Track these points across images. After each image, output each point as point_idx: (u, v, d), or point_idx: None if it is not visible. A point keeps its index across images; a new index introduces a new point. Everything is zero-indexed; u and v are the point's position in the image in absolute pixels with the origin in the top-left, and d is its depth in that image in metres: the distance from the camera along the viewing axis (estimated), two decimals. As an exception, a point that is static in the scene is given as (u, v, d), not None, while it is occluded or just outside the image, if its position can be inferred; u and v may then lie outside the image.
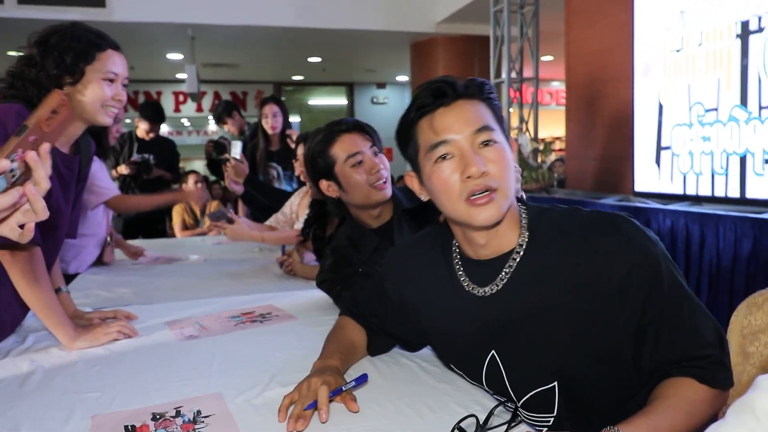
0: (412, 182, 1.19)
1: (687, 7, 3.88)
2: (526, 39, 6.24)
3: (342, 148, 1.70)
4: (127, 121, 10.30)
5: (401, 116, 1.15)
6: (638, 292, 1.01)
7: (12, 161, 0.84)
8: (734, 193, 3.61)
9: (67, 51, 1.49)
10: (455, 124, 1.07)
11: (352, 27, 7.79)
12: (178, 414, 1.10)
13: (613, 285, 1.02)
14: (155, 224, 5.08)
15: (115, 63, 1.56)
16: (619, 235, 1.04)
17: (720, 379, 1.01)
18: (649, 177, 4.30)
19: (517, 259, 1.11)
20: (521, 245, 1.11)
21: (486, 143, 1.06)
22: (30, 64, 1.48)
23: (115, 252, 2.95)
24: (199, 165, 13.23)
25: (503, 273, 1.11)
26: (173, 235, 5.37)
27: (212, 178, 7.36)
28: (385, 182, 1.70)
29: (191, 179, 5.49)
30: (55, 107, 0.89)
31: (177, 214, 5.39)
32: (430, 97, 1.09)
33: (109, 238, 2.88)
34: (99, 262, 2.85)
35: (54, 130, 0.91)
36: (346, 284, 1.68)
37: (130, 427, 1.06)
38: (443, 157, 1.07)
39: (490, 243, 1.13)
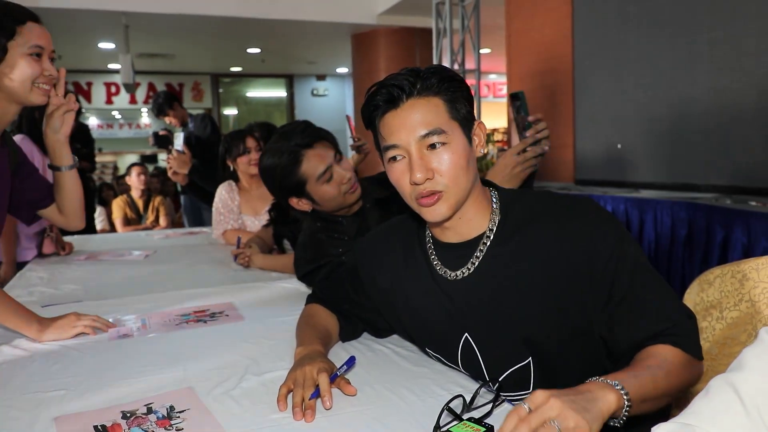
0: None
1: None
2: (468, 31, 6.31)
3: (310, 167, 1.67)
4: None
5: (362, 106, 1.14)
6: (605, 269, 1.05)
7: None
8: (672, 179, 3.75)
9: None
10: (402, 130, 1.07)
11: (292, 17, 7.70)
12: (150, 411, 1.06)
13: (581, 263, 1.06)
14: (89, 221, 4.89)
15: (38, 35, 1.43)
16: (587, 218, 1.08)
17: (692, 345, 1.03)
18: (589, 165, 4.43)
19: (488, 243, 1.13)
20: (491, 230, 1.13)
21: (433, 146, 1.07)
22: None
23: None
24: (132, 158, 12.84)
25: (474, 257, 1.13)
26: (112, 230, 5.20)
27: (150, 169, 7.17)
28: (354, 184, 1.72)
29: (134, 172, 5.35)
30: None
31: (118, 208, 5.22)
32: (380, 100, 1.09)
33: (48, 229, 2.75)
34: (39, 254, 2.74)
35: None
36: (328, 272, 1.66)
37: (100, 427, 1.01)
38: (394, 158, 1.10)
39: (457, 229, 1.15)
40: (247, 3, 7.36)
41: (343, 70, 12.49)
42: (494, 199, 1.16)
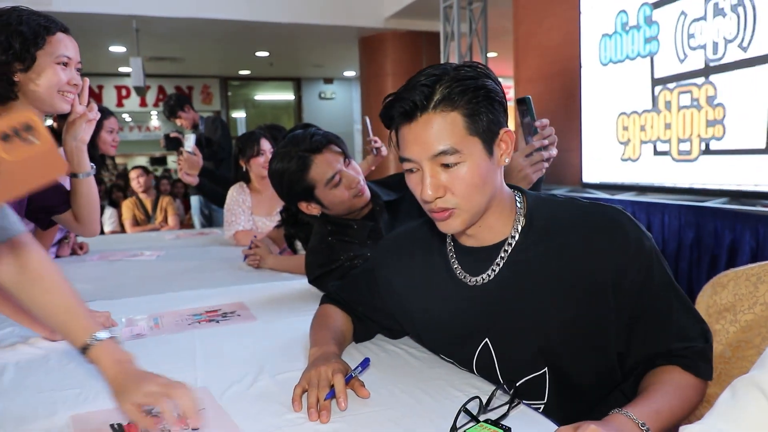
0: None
1: (628, 6, 3.99)
2: (475, 35, 6.30)
3: (318, 173, 1.66)
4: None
5: (380, 112, 1.10)
6: (631, 287, 1.03)
7: None
8: (678, 182, 3.73)
9: (15, 35, 1.41)
10: (414, 146, 1.03)
11: (300, 21, 7.70)
12: (165, 409, 1.06)
13: (607, 279, 1.03)
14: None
15: (66, 46, 1.49)
16: (616, 231, 1.05)
17: (701, 369, 1.04)
18: (596, 168, 4.41)
19: (509, 250, 1.10)
20: (513, 237, 1.11)
21: (447, 165, 1.03)
22: None
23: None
24: (142, 161, 12.89)
25: (495, 264, 1.11)
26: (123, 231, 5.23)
27: (158, 172, 7.21)
28: (363, 187, 1.71)
29: (134, 174, 5.42)
30: (20, 125, 0.61)
31: (127, 209, 5.25)
32: (394, 112, 1.05)
33: (68, 233, 2.77)
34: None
35: (19, 169, 0.61)
36: (339, 276, 1.65)
37: (116, 426, 1.00)
38: (410, 170, 1.07)
39: (478, 236, 1.13)
40: (255, 7, 7.37)
41: (350, 73, 12.49)
42: (518, 204, 1.13)
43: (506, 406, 0.96)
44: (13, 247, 1.03)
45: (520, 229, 1.11)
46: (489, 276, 1.11)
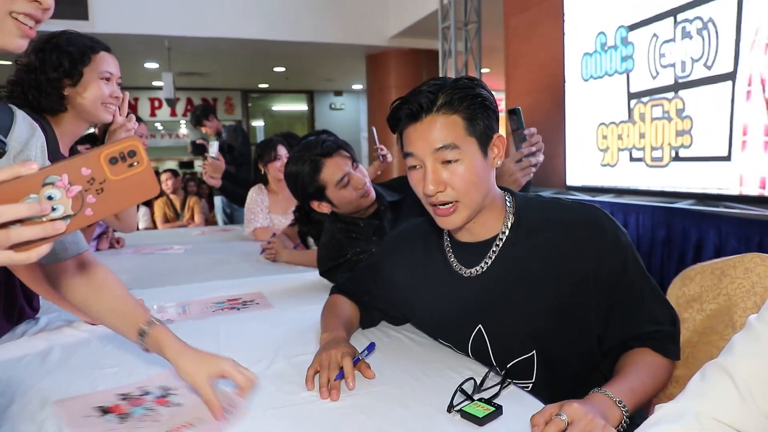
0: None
1: (606, 28, 3.98)
2: (470, 53, 6.29)
3: (329, 174, 1.67)
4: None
5: (387, 116, 1.12)
6: (609, 277, 1.03)
7: (53, 185, 0.60)
8: (651, 185, 3.72)
9: (64, 55, 1.44)
10: (419, 142, 1.04)
11: (313, 40, 7.69)
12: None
13: (588, 270, 1.03)
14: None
15: (108, 63, 1.52)
16: (595, 226, 1.05)
17: (670, 350, 1.04)
18: (579, 172, 4.40)
19: (500, 245, 1.10)
20: (504, 232, 1.11)
21: (448, 161, 1.03)
22: (29, 71, 1.43)
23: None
24: (172, 164, 12.89)
25: (487, 257, 1.11)
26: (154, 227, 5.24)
27: (187, 175, 7.23)
28: (369, 188, 1.71)
29: (163, 177, 5.42)
30: (126, 150, 0.62)
31: (159, 208, 5.26)
32: (401, 114, 1.07)
33: (107, 228, 2.78)
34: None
35: (120, 188, 0.62)
36: (348, 269, 1.65)
37: (101, 408, 0.97)
38: (414, 167, 1.07)
39: (473, 231, 1.13)
40: (273, 27, 7.37)
41: (358, 86, 12.47)
42: (508, 204, 1.13)
43: (498, 387, 0.96)
44: (82, 261, 1.04)
45: (510, 225, 1.11)
46: (482, 268, 1.11)
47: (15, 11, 0.82)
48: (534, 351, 1.08)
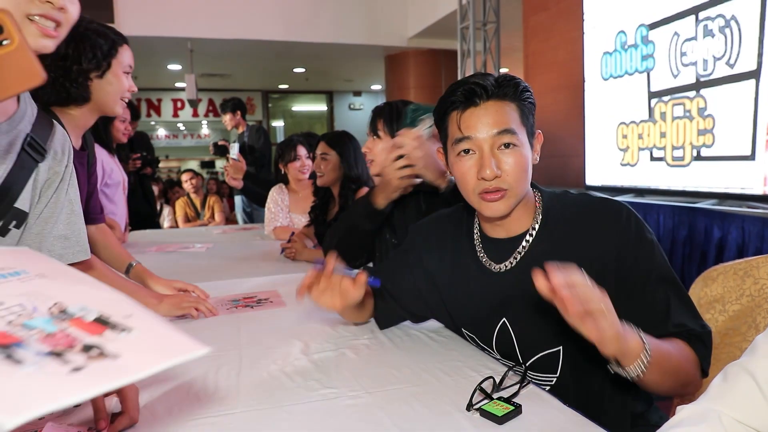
0: (441, 158, 1.18)
1: (626, 27, 3.93)
2: (489, 53, 6.25)
3: None
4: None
5: (438, 100, 1.11)
6: (633, 270, 1.01)
7: None
8: (672, 185, 3.66)
9: (97, 46, 1.42)
10: (479, 125, 1.04)
11: (332, 41, 7.71)
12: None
13: (611, 264, 1.02)
14: (153, 218, 4.90)
15: (130, 56, 1.50)
16: (620, 222, 1.04)
17: (700, 349, 1.00)
18: (598, 172, 4.35)
19: (530, 240, 1.10)
20: (534, 228, 1.11)
21: (506, 145, 1.03)
22: (63, 59, 1.40)
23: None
24: (194, 164, 13.02)
25: (517, 252, 1.11)
26: (176, 226, 5.30)
27: (206, 176, 7.30)
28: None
29: (184, 177, 5.48)
30: None
31: (180, 208, 5.32)
32: (462, 96, 1.06)
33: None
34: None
35: None
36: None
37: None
38: (465, 151, 1.06)
39: (506, 226, 1.13)
40: (293, 29, 7.41)
41: (377, 87, 12.49)
42: (537, 200, 1.13)
43: (517, 386, 0.96)
44: (88, 265, 1.07)
45: (539, 221, 1.11)
46: (511, 263, 1.11)
47: (31, 14, 0.84)
48: (560, 346, 1.07)
